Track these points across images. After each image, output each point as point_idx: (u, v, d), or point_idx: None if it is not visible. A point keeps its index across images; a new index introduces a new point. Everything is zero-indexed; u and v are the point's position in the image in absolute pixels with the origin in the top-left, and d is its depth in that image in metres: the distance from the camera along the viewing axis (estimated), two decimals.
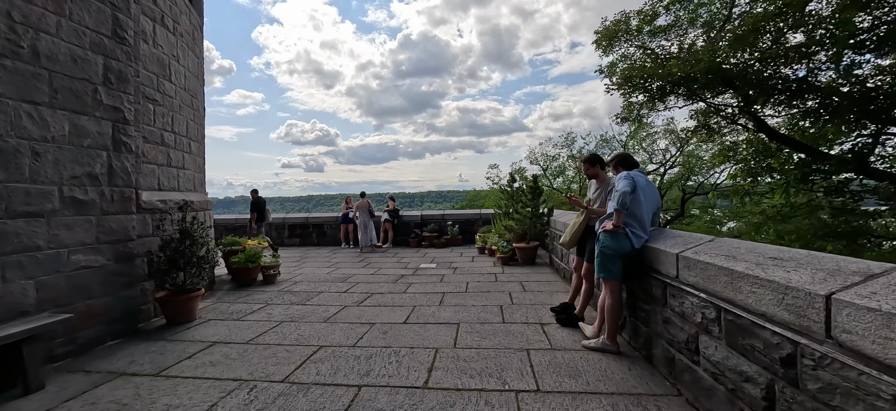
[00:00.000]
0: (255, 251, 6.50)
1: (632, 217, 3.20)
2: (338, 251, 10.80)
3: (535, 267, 7.56)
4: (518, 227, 8.23)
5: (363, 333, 3.97)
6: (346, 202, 12.01)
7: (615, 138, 24.43)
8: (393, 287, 6.15)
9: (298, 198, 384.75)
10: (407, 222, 11.97)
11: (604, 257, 3.26)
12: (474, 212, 12.23)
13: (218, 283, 6.63)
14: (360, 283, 6.45)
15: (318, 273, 7.48)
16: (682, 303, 2.59)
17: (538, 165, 26.40)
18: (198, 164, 6.12)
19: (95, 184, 3.83)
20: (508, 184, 11.19)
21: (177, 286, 4.39)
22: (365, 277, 6.95)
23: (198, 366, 3.27)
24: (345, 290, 5.97)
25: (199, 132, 6.24)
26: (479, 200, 39.01)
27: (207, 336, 4.01)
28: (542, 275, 6.70)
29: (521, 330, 3.96)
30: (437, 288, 6.00)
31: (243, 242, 7.25)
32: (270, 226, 11.56)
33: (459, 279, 6.61)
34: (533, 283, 6.12)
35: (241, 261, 6.30)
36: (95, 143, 3.84)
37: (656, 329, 2.99)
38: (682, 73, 7.19)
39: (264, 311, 4.89)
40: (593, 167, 4.05)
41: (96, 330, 3.79)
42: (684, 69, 7.19)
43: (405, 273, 7.31)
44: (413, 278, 6.81)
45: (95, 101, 3.84)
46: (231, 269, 6.44)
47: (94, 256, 3.81)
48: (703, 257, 2.37)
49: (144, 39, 4.65)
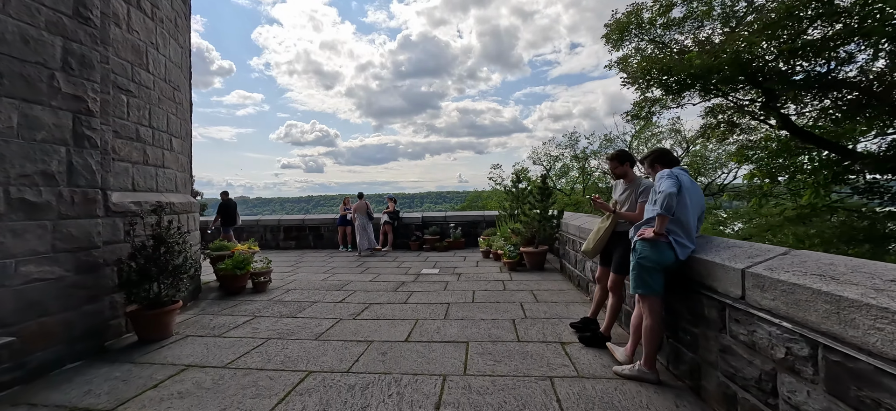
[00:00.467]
0: (244, 257, 6.00)
1: (676, 223, 2.71)
2: (335, 255, 10.30)
3: (545, 273, 7.07)
4: (526, 230, 7.74)
5: (359, 354, 3.48)
6: (344, 203, 11.52)
7: (619, 138, 23.97)
8: (393, 296, 5.65)
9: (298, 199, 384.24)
10: (407, 224, 11.48)
11: (642, 270, 2.77)
12: (477, 214, 11.73)
13: (205, 291, 6.14)
14: (358, 292, 5.95)
15: (312, 280, 6.98)
16: (751, 331, 2.09)
17: (542, 165, 25.90)
18: (181, 163, 5.63)
19: (51, 184, 3.33)
20: (513, 185, 10.70)
21: (149, 299, 3.90)
22: (363, 285, 6.46)
23: (163, 399, 2.77)
24: (340, 300, 5.47)
25: (183, 128, 5.75)
26: (480, 201, 38.52)
27: (181, 357, 3.51)
28: (554, 283, 6.21)
29: (539, 351, 3.46)
30: (441, 297, 5.50)
31: (232, 247, 6.75)
32: (240, 230, 11.08)
33: (465, 287, 6.12)
34: (545, 292, 5.63)
35: (228, 267, 5.80)
36: (51, 137, 3.34)
37: (708, 357, 2.50)
38: (704, 66, 6.71)
39: (250, 326, 4.39)
40: (622, 165, 3.56)
41: (52, 351, 3.29)
42: (707, 61, 6.71)
43: (406, 279, 6.82)
44: (414, 285, 6.31)
45: (52, 88, 3.35)
46: (218, 276, 5.94)
47: (50, 267, 3.31)
48: (787, 276, 1.87)
49: (116, 23, 4.15)
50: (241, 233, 11.84)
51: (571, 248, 6.32)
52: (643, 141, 23.74)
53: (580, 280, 5.78)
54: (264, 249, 11.27)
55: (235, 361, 3.39)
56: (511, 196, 10.66)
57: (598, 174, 24.31)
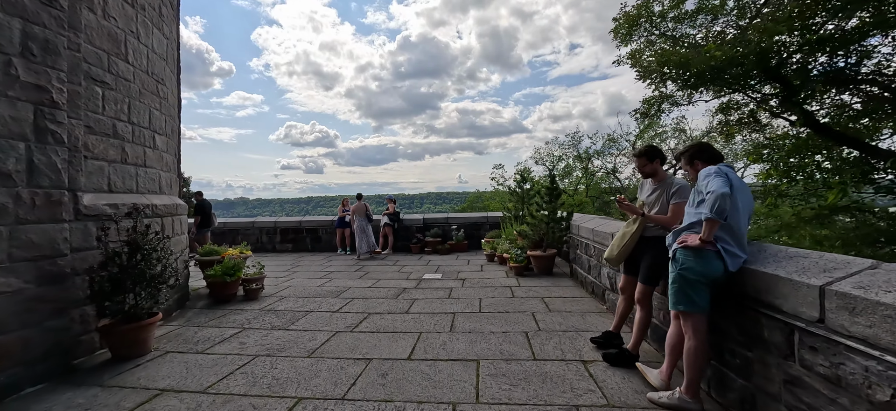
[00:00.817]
0: (234, 262, 5.61)
1: (725, 229, 2.32)
2: (333, 258, 9.91)
3: (554, 278, 6.68)
4: (533, 233, 7.35)
5: (356, 376, 3.09)
6: (343, 205, 11.14)
7: (623, 137, 23.60)
8: (394, 304, 5.26)
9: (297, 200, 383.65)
10: (408, 226, 11.09)
11: (685, 283, 2.38)
12: (480, 216, 11.35)
13: (194, 298, 5.75)
14: (356, 299, 5.57)
15: (308, 286, 6.59)
16: (836, 364, 1.71)
17: (544, 165, 25.49)
18: (166, 162, 5.25)
19: (7, 184, 2.94)
20: (517, 185, 10.33)
21: (124, 312, 3.51)
22: (361, 291, 6.07)
23: None
24: (337, 309, 5.08)
25: (168, 125, 5.37)
26: (480, 202, 38.12)
27: (157, 379, 3.12)
28: (565, 290, 5.82)
29: (559, 371, 3.07)
30: (445, 306, 5.12)
31: (223, 251, 6.36)
32: (222, 232, 10.70)
33: (470, 293, 5.73)
34: (557, 300, 5.24)
35: (218, 274, 5.42)
36: (8, 131, 2.95)
37: (768, 387, 2.12)
38: (726, 56, 6.32)
39: (237, 339, 4.01)
40: (651, 162, 3.18)
41: (8, 374, 2.90)
42: (729, 52, 6.32)
43: (408, 285, 6.43)
44: (417, 292, 5.92)
45: (8, 76, 2.96)
46: (208, 283, 5.55)
47: (5, 279, 2.92)
48: (891, 298, 1.49)
49: (90, 7, 3.77)
50: (222, 236, 11.48)
51: (584, 252, 5.93)
52: (647, 140, 23.35)
53: (594, 286, 5.39)
54: (260, 253, 10.90)
55: (217, 384, 3.00)
56: (515, 196, 10.28)
57: (601, 174, 23.93)
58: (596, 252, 5.27)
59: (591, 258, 5.53)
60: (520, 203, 10.11)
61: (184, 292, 5.50)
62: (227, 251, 6.48)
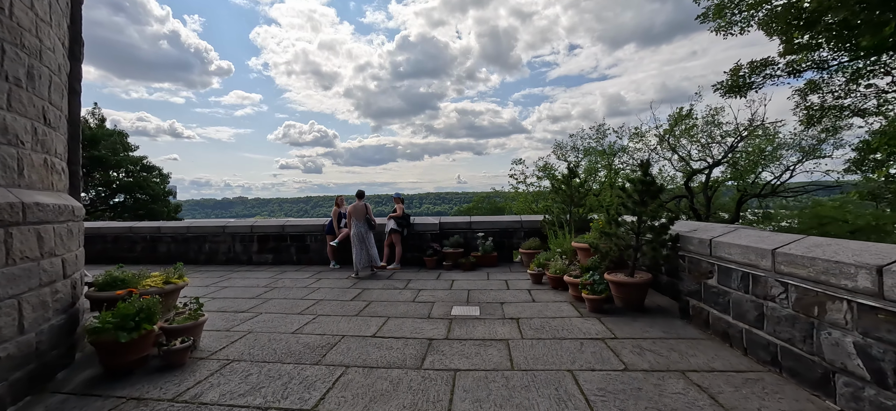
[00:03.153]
0: (145, 304, 3.26)
1: None
2: (323, 275, 7.55)
3: (654, 318, 4.35)
4: (612, 247, 5.02)
5: None
6: (337, 203, 8.79)
7: (652, 130, 21.25)
8: (419, 383, 2.92)
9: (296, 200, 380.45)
10: (420, 232, 8.74)
11: None
12: (513, 220, 8.97)
13: (84, 360, 3.42)
14: (351, 370, 3.23)
15: (278, 330, 4.25)
16: None
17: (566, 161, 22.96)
18: (49, 146, 2.91)
19: None
20: (564, 181, 8.00)
21: None
22: (360, 349, 3.72)
23: None
24: (317, 399, 2.75)
25: (54, 95, 3.03)
26: (488, 202, 35.76)
27: None
28: (707, 351, 3.48)
29: None
30: (513, 390, 2.78)
31: (137, 282, 3.98)
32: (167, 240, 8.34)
33: (544, 356, 3.39)
34: (706, 374, 2.90)
35: (107, 327, 3.06)
36: None
37: None
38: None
39: None
40: None
41: None
42: None
43: (434, 334, 4.08)
44: (450, 352, 3.58)
45: None
46: (92, 342, 3.18)
47: None
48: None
49: None
50: (183, 245, 9.15)
51: (728, 285, 3.59)
52: (678, 136, 21.00)
53: (760, 345, 3.05)
54: (231, 267, 8.54)
55: None
56: (562, 194, 7.95)
57: (627, 171, 21.49)
58: (807, 298, 2.92)
59: (749, 296, 3.20)
60: (567, 202, 7.79)
61: (65, 350, 3.15)
62: (146, 278, 4.10)
